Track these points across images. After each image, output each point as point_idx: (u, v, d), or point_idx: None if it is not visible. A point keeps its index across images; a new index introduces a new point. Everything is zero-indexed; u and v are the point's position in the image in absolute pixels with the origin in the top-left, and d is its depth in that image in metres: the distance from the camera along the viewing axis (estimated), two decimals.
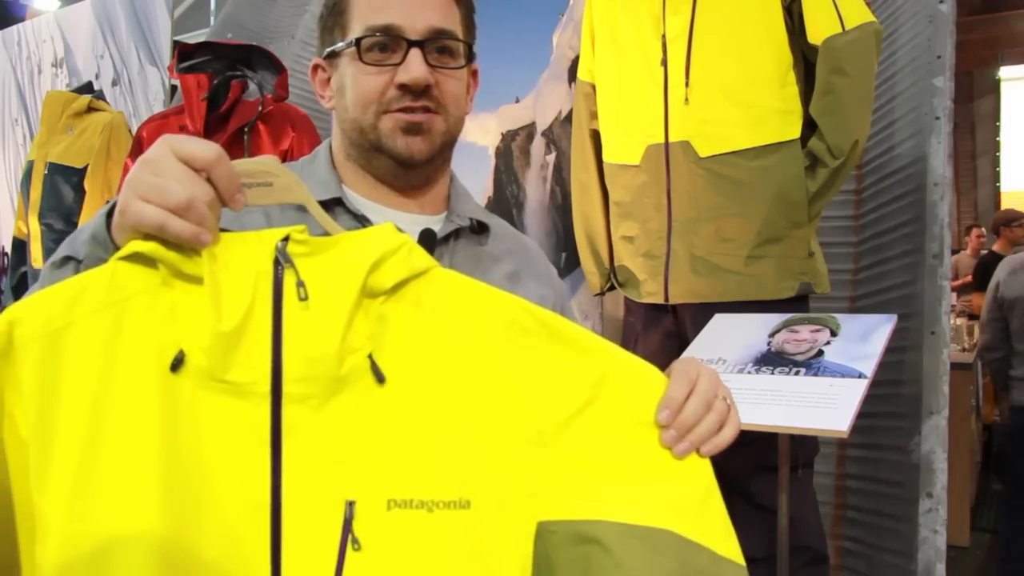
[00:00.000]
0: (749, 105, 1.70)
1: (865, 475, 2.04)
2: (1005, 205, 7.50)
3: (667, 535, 0.65)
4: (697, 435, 0.69)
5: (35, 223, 2.90)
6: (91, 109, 2.99)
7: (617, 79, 1.88)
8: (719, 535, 0.67)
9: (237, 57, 2.22)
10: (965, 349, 4.18)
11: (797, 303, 1.74)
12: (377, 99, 0.87)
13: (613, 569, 0.64)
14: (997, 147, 8.55)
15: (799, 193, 1.71)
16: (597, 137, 1.98)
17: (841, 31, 1.66)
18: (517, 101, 2.67)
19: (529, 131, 2.64)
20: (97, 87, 3.45)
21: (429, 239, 0.90)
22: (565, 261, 2.39)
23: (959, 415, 3.07)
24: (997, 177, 8.63)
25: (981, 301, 3.64)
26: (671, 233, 1.77)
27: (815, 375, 1.49)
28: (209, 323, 0.62)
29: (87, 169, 2.86)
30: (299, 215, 0.84)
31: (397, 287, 0.66)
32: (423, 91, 0.87)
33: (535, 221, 2.55)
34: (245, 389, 0.62)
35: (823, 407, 1.40)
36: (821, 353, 1.54)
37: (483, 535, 0.64)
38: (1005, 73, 8.30)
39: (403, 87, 0.86)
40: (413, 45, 0.86)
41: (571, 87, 2.45)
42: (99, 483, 0.59)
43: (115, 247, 0.68)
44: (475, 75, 0.97)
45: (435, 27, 0.87)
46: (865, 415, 1.47)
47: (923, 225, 1.89)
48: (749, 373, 1.56)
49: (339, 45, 0.90)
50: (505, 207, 2.58)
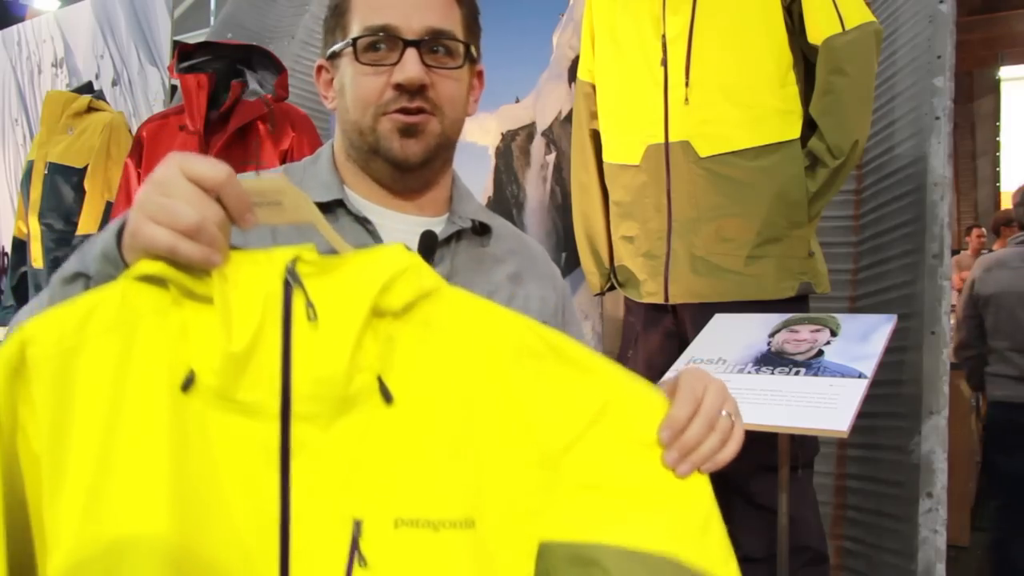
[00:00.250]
0: (749, 105, 1.70)
1: (865, 475, 2.04)
2: (1005, 205, 7.49)
3: (666, 562, 0.66)
4: (699, 456, 0.69)
5: (35, 223, 2.90)
6: (91, 109, 2.99)
7: (617, 79, 1.88)
8: (719, 559, 0.67)
9: (237, 57, 2.22)
10: None
11: (797, 303, 1.74)
12: (375, 100, 0.88)
13: None
14: (997, 147, 8.55)
15: (799, 193, 1.71)
16: (597, 137, 1.98)
17: (841, 31, 1.66)
18: (517, 101, 2.67)
19: (529, 131, 2.64)
20: (97, 87, 3.45)
21: (430, 241, 0.90)
22: (565, 261, 2.39)
23: (959, 415, 3.07)
24: (997, 177, 8.63)
25: None
26: (671, 233, 1.77)
27: (815, 375, 1.49)
28: (219, 343, 0.63)
29: (87, 169, 2.86)
30: (304, 227, 0.84)
31: (406, 307, 0.67)
32: (418, 91, 0.87)
33: (535, 221, 2.55)
34: (255, 408, 0.63)
35: (823, 407, 1.40)
36: (821, 353, 1.54)
37: (487, 554, 0.65)
38: (1005, 73, 8.30)
39: (399, 87, 0.86)
40: (409, 45, 0.86)
41: (571, 87, 2.45)
42: (111, 499, 0.59)
43: (125, 265, 0.68)
44: (480, 76, 0.97)
45: (432, 27, 0.87)
46: (865, 415, 1.47)
47: (923, 225, 1.89)
48: (749, 373, 1.56)
49: (338, 46, 0.90)
50: (505, 207, 2.58)
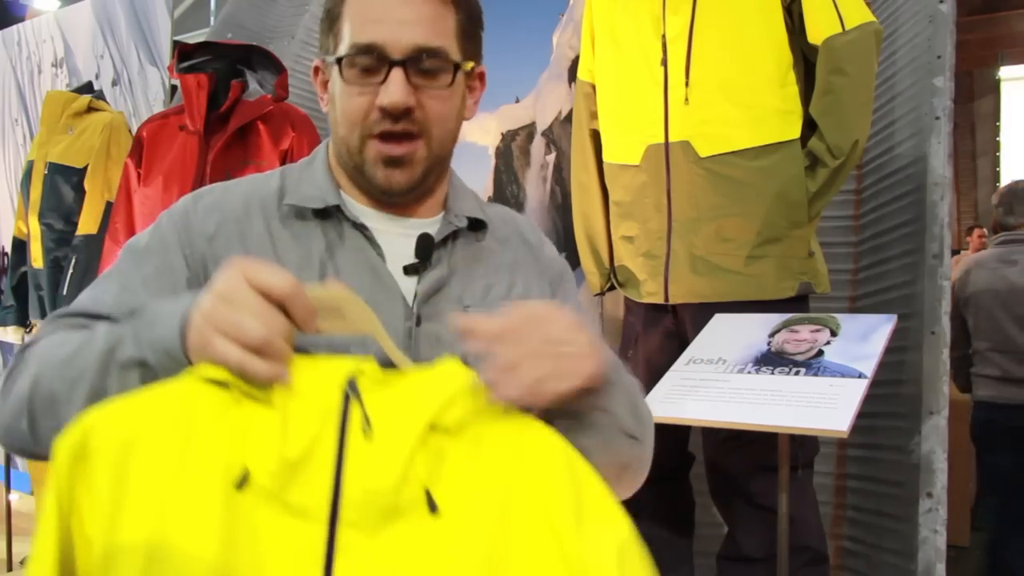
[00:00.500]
0: (749, 105, 1.70)
1: (865, 475, 2.04)
2: None
3: None
4: (518, 379, 0.71)
5: (35, 223, 2.90)
6: (91, 109, 2.99)
7: (617, 79, 1.88)
8: None
9: (237, 57, 2.22)
10: None
11: (797, 303, 1.74)
12: (361, 121, 0.86)
13: None
14: (997, 147, 8.54)
15: (799, 193, 1.71)
16: (597, 137, 1.98)
17: (841, 31, 1.66)
18: (517, 101, 2.67)
19: (529, 131, 2.64)
20: (97, 87, 3.45)
21: (427, 245, 0.89)
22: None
23: (959, 415, 3.08)
24: (997, 177, 8.62)
25: None
26: (671, 233, 1.77)
27: (815, 375, 1.49)
28: (276, 447, 0.66)
29: (87, 169, 2.86)
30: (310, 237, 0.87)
31: (463, 423, 0.70)
32: (404, 113, 0.85)
33: (535, 221, 2.55)
34: (304, 510, 0.66)
35: (823, 407, 1.40)
36: (821, 353, 1.54)
37: None
38: (1005, 73, 8.29)
39: (384, 109, 0.84)
40: (395, 65, 0.84)
41: (571, 87, 2.45)
42: None
43: (188, 361, 0.71)
44: (481, 77, 0.95)
45: (420, 45, 0.84)
46: (865, 415, 1.47)
47: (923, 225, 1.89)
48: (749, 373, 1.56)
49: (328, 59, 0.89)
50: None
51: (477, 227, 0.96)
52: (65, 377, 0.76)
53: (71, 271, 2.72)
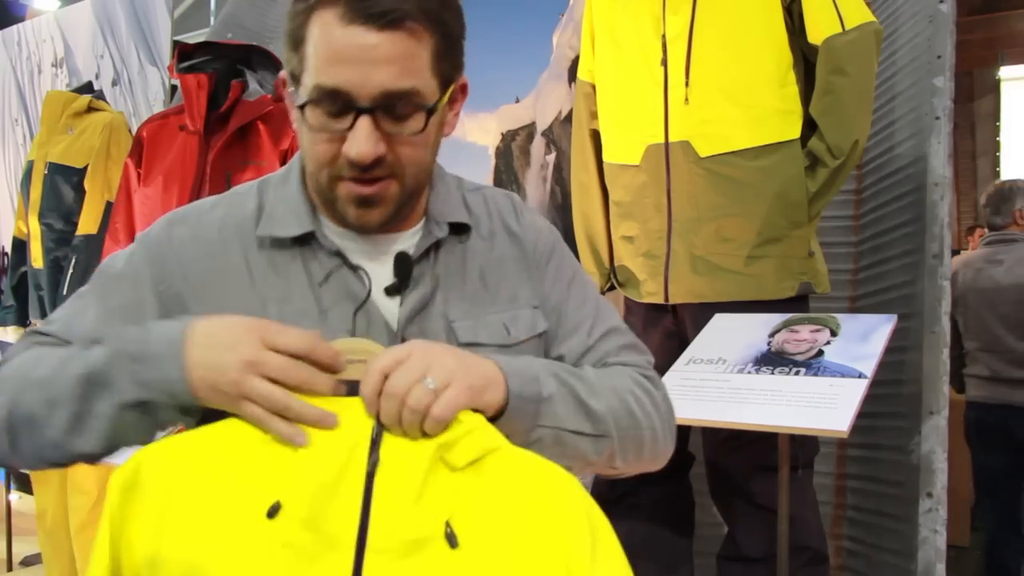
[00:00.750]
0: (749, 105, 1.70)
1: (865, 475, 2.04)
2: None
3: None
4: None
5: (35, 223, 2.90)
6: (91, 109, 2.99)
7: (617, 79, 1.88)
8: None
9: (237, 57, 2.22)
10: None
11: (797, 303, 1.74)
12: (329, 164, 0.82)
13: None
14: (997, 147, 8.53)
15: (799, 193, 1.71)
16: (597, 137, 1.98)
17: (841, 31, 1.66)
18: (517, 101, 2.67)
19: (529, 131, 2.64)
20: (97, 87, 3.45)
21: (404, 265, 0.87)
22: None
23: (959, 415, 3.08)
24: (997, 177, 8.61)
25: None
26: (671, 233, 1.77)
27: (815, 375, 1.49)
28: (306, 478, 0.72)
29: (87, 169, 2.86)
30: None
31: (474, 462, 0.75)
32: (374, 163, 0.80)
33: None
34: (332, 538, 0.70)
35: (823, 407, 1.40)
36: (821, 353, 1.54)
37: None
38: (1005, 73, 8.28)
39: (351, 160, 0.80)
40: (362, 113, 0.78)
41: (571, 87, 2.45)
42: None
43: (195, 397, 0.76)
44: (463, 89, 0.89)
45: (389, 90, 0.77)
46: (865, 415, 1.47)
47: (923, 225, 1.89)
48: (749, 373, 1.56)
49: (293, 93, 0.83)
50: None
51: (461, 230, 0.93)
52: (43, 399, 0.78)
53: (71, 271, 2.73)
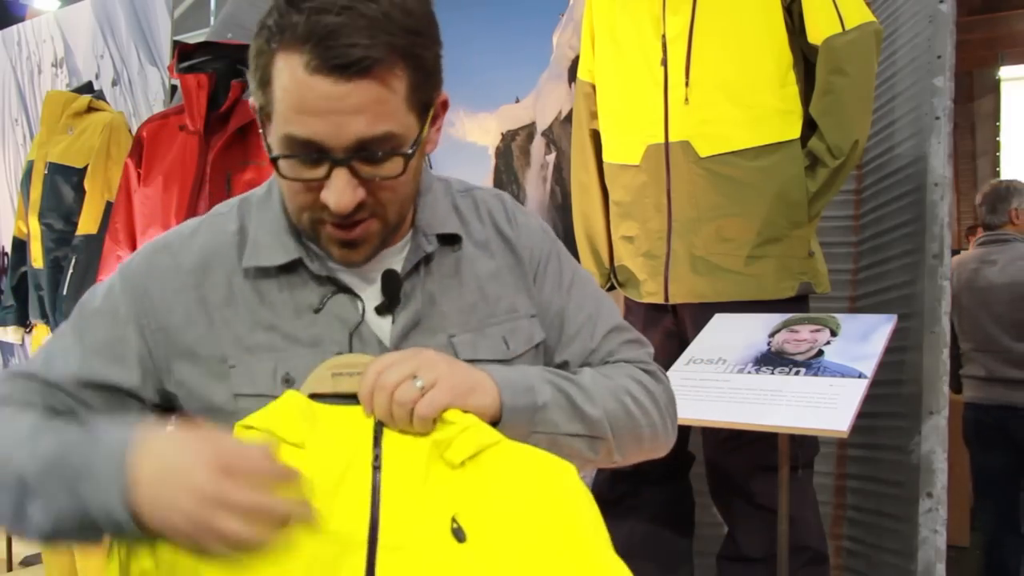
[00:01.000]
0: (749, 105, 1.70)
1: (865, 475, 2.04)
2: None
3: None
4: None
5: (35, 223, 2.90)
6: (91, 109, 2.99)
7: (617, 79, 1.88)
8: None
9: (237, 57, 2.22)
10: None
11: (797, 303, 1.74)
12: (308, 209, 0.80)
13: None
14: (997, 147, 8.53)
15: (799, 193, 1.71)
16: (597, 137, 1.98)
17: (841, 31, 1.66)
18: (517, 101, 2.67)
19: (529, 131, 2.64)
20: (97, 87, 3.45)
21: (393, 283, 0.85)
22: None
23: (958, 415, 3.08)
24: (997, 177, 8.62)
25: None
26: (671, 233, 1.77)
27: (815, 375, 1.49)
28: (312, 480, 0.72)
29: (87, 169, 2.85)
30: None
31: (474, 457, 0.76)
32: (355, 208, 0.78)
33: None
34: (343, 537, 0.72)
35: (823, 407, 1.40)
36: (821, 353, 1.54)
37: None
38: (1005, 73, 8.28)
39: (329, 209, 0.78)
40: (338, 164, 0.75)
41: (571, 87, 2.45)
42: None
43: (138, 523, 0.69)
44: (444, 105, 0.85)
45: (363, 138, 0.74)
46: (865, 415, 1.47)
47: (923, 225, 1.89)
48: (749, 373, 1.56)
49: (262, 127, 0.80)
50: None
51: (452, 240, 0.90)
52: None
53: (71, 271, 2.72)
